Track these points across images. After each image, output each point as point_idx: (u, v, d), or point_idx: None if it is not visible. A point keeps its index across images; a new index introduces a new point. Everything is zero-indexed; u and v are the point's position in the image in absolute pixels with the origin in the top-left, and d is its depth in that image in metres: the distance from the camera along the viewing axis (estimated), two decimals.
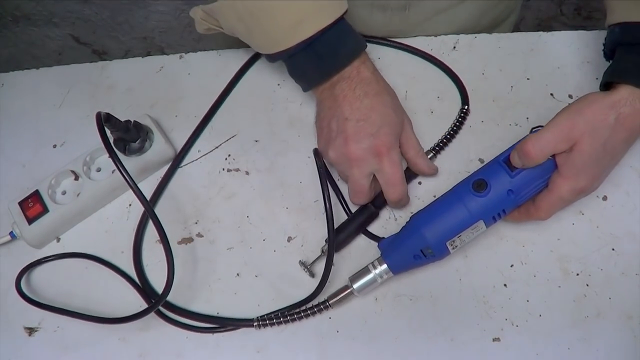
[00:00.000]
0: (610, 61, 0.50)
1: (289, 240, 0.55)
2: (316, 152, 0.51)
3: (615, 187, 0.54)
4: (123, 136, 0.56)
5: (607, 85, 0.48)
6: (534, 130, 0.48)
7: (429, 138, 0.58)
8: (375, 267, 0.49)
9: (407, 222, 0.50)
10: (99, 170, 0.59)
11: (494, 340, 0.49)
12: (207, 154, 0.61)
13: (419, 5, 0.63)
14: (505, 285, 0.51)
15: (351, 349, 0.50)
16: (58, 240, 0.58)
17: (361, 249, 0.54)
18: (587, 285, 0.50)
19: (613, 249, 0.52)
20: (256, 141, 0.61)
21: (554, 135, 0.45)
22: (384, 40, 0.64)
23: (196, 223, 0.57)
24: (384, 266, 0.49)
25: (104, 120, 0.51)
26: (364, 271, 0.50)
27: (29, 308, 0.54)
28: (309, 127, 0.60)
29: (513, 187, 0.47)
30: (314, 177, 0.57)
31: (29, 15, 1.56)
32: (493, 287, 0.51)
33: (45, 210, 0.56)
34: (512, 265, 0.52)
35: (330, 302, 0.50)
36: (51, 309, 0.53)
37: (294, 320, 0.50)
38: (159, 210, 0.58)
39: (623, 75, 0.46)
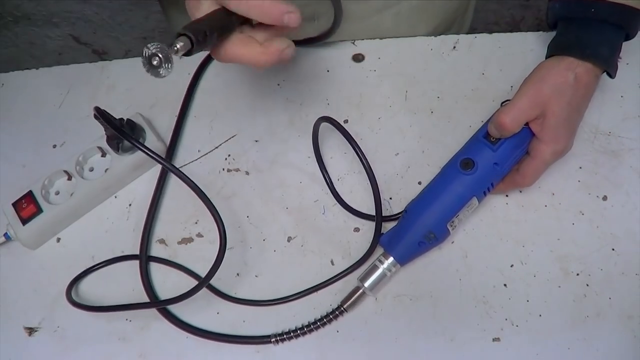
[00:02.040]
0: (553, 31, 0.54)
1: (289, 240, 0.55)
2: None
3: (615, 187, 0.54)
4: (116, 133, 0.56)
5: (551, 56, 0.51)
6: (504, 103, 0.51)
7: (429, 138, 0.58)
8: (382, 262, 0.50)
9: (404, 213, 0.51)
10: (91, 169, 0.59)
11: (494, 340, 0.49)
12: (207, 154, 0.61)
13: (327, 15, 0.62)
14: (505, 285, 0.51)
15: (351, 349, 0.50)
16: (58, 240, 0.58)
17: (359, 246, 0.54)
18: (587, 285, 0.50)
19: (613, 249, 0.52)
20: (256, 141, 0.61)
21: (524, 104, 0.48)
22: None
23: (196, 223, 0.57)
24: (390, 259, 0.50)
25: (100, 115, 0.51)
26: (372, 268, 0.50)
27: (29, 308, 0.54)
28: (309, 127, 0.60)
29: (497, 160, 0.50)
30: (314, 177, 0.57)
31: (29, 15, 1.56)
32: (493, 287, 0.51)
33: (39, 210, 0.56)
34: (512, 265, 0.52)
35: (345, 305, 0.50)
36: (108, 309, 0.52)
37: (311, 331, 0.50)
38: (158, 209, 0.58)
39: (566, 49, 0.50)
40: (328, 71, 0.64)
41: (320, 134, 0.55)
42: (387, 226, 0.54)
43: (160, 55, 0.39)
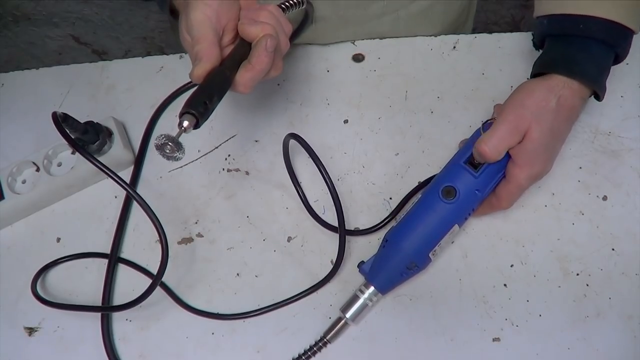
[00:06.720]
0: (540, 50, 0.52)
1: (289, 240, 0.55)
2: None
3: (615, 187, 0.54)
4: (81, 137, 0.56)
5: (537, 75, 0.49)
6: (485, 123, 0.50)
7: (429, 137, 0.58)
8: (363, 292, 0.49)
9: (384, 241, 0.50)
10: (59, 165, 0.59)
11: (494, 340, 0.49)
12: (207, 154, 0.61)
13: (324, 18, 0.62)
14: (505, 285, 0.51)
15: (351, 349, 0.50)
16: (58, 240, 0.58)
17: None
18: (587, 285, 0.50)
19: (613, 249, 0.52)
20: (256, 141, 0.61)
21: (505, 132, 0.47)
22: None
23: (196, 223, 0.57)
24: (372, 289, 0.49)
25: (62, 120, 0.51)
26: (353, 299, 0.49)
27: (29, 308, 0.54)
28: (309, 127, 0.60)
29: (479, 187, 0.49)
30: (314, 177, 0.57)
31: (29, 15, 1.56)
32: (493, 287, 0.51)
33: (1, 197, 0.57)
34: (512, 265, 0.52)
35: (327, 337, 0.49)
36: (65, 307, 0.53)
37: None
38: (158, 210, 0.58)
39: (552, 66, 0.48)
40: (328, 71, 0.64)
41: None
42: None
43: (170, 144, 0.41)
